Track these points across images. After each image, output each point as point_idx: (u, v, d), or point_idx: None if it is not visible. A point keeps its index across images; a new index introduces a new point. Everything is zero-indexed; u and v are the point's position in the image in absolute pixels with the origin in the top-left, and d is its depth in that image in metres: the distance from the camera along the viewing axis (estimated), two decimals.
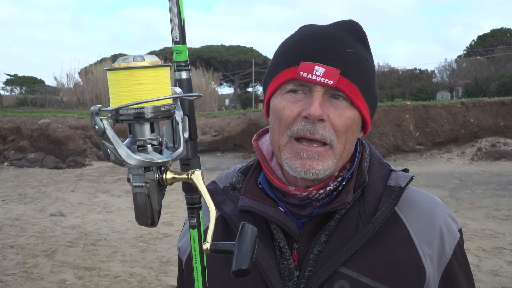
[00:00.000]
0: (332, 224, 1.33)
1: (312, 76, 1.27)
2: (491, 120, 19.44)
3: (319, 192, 1.34)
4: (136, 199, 1.08)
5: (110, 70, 1.04)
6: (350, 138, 1.33)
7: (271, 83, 1.37)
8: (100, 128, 1.02)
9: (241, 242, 1.02)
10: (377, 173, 1.40)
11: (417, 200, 1.40)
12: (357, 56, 1.32)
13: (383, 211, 1.32)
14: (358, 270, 1.28)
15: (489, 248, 8.11)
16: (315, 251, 1.32)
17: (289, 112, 1.30)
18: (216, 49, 61.11)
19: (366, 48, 1.37)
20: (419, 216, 1.36)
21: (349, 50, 1.31)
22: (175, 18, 1.13)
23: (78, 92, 42.33)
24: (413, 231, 1.33)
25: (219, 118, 22.97)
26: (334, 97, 1.30)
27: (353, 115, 1.31)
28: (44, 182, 15.75)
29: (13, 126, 21.26)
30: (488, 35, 55.80)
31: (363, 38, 1.37)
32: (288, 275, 1.33)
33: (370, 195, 1.36)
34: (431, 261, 1.31)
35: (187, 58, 1.16)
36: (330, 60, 1.28)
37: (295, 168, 1.29)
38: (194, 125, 1.20)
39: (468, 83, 44.53)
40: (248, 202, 1.37)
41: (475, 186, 13.69)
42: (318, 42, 1.31)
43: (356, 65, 1.31)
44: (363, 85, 1.32)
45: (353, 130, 1.33)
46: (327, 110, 1.28)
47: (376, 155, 1.45)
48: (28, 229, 9.74)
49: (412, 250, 1.31)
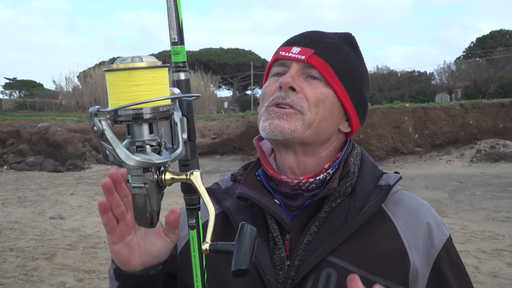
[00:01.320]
0: (322, 216, 1.39)
1: (289, 53, 1.42)
2: (490, 122, 19.46)
3: (309, 180, 1.40)
4: (135, 200, 1.08)
5: (108, 71, 1.04)
6: (323, 113, 1.40)
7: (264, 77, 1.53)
8: (99, 129, 1.02)
9: (240, 242, 1.02)
10: (368, 174, 1.46)
11: (405, 200, 1.45)
12: (336, 47, 1.44)
13: (371, 205, 1.38)
14: (345, 259, 1.33)
15: (488, 250, 8.11)
16: (305, 241, 1.37)
17: (270, 88, 1.44)
18: (215, 52, 61.11)
19: (354, 51, 1.48)
20: (406, 212, 1.41)
21: (329, 40, 1.44)
22: (173, 19, 1.13)
23: (77, 95, 42.33)
24: (399, 225, 1.38)
25: (218, 121, 22.97)
26: (311, 77, 1.41)
27: (326, 91, 1.40)
28: (43, 185, 15.73)
29: (12, 129, 21.25)
30: (487, 37, 55.83)
31: (352, 43, 1.49)
32: (280, 264, 1.38)
33: (360, 192, 1.41)
34: (416, 252, 1.35)
35: (185, 59, 1.16)
36: (307, 44, 1.43)
37: (264, 127, 1.39)
38: (192, 126, 1.20)
39: (467, 85, 44.54)
40: (245, 190, 1.44)
41: (474, 188, 13.70)
42: (302, 33, 1.49)
43: (332, 51, 1.42)
44: (339, 69, 1.41)
45: (326, 107, 1.40)
46: (302, 84, 1.40)
47: (370, 160, 1.51)
48: (27, 232, 9.73)
49: (397, 241, 1.36)
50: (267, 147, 1.53)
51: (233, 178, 1.53)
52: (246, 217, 1.44)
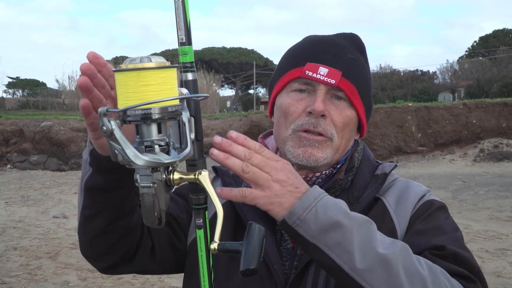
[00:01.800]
0: None
1: (317, 75, 1.42)
2: (493, 121, 19.43)
3: (316, 175, 1.46)
4: (143, 200, 1.08)
5: (117, 71, 1.04)
6: (347, 135, 1.47)
7: (277, 83, 1.51)
8: (108, 129, 1.03)
9: (248, 241, 1.03)
10: (366, 167, 1.53)
11: (396, 183, 1.51)
12: (356, 62, 1.47)
13: (368, 194, 1.44)
14: None
15: (492, 249, 8.10)
16: None
17: (295, 108, 1.44)
18: (217, 51, 61.14)
19: (364, 57, 1.52)
20: (395, 192, 1.47)
21: (350, 56, 1.46)
22: (181, 19, 1.13)
23: (80, 94, 42.23)
24: (389, 203, 1.45)
25: (221, 120, 22.98)
26: (336, 97, 1.44)
27: (351, 114, 1.45)
28: (46, 184, 15.75)
29: (15, 128, 21.30)
30: (490, 36, 55.76)
31: (362, 48, 1.52)
32: (287, 255, 1.43)
33: (358, 183, 1.48)
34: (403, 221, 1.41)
35: (193, 59, 1.16)
36: (333, 62, 1.43)
37: (297, 155, 1.42)
38: (200, 126, 1.20)
39: (470, 84, 44.48)
40: None
41: (477, 187, 13.68)
42: (322, 46, 1.47)
43: (355, 69, 1.46)
44: (361, 88, 1.46)
45: (350, 129, 1.47)
46: (329, 107, 1.42)
47: (368, 153, 1.58)
48: (31, 231, 9.74)
49: (387, 218, 1.42)
50: (272, 146, 1.57)
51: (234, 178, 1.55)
52: (252, 208, 1.41)
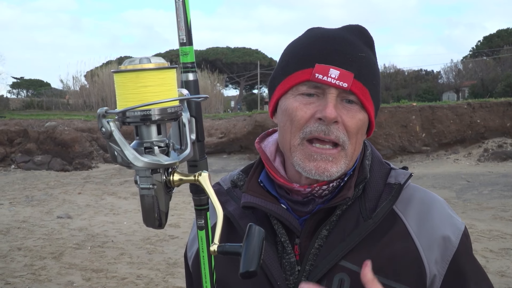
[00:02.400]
0: (333, 220, 1.35)
1: (328, 78, 1.29)
2: (497, 121, 19.38)
3: (322, 188, 1.35)
4: (143, 201, 1.08)
5: (116, 72, 1.04)
6: (360, 139, 1.35)
7: (281, 84, 1.38)
8: (107, 131, 1.02)
9: (248, 243, 1.02)
10: (377, 171, 1.42)
11: (416, 197, 1.41)
12: (367, 60, 1.34)
13: (383, 207, 1.34)
14: (357, 263, 1.28)
15: (496, 249, 8.08)
16: (316, 246, 1.34)
17: (302, 113, 1.31)
18: (222, 51, 61.13)
19: (373, 52, 1.40)
20: (416, 211, 1.37)
21: (361, 54, 1.33)
22: (181, 19, 1.12)
23: (84, 94, 42.47)
24: (410, 226, 1.35)
25: (225, 120, 22.98)
26: (347, 101, 1.32)
27: (363, 117, 1.34)
28: (51, 185, 15.78)
29: (20, 129, 21.33)
30: (494, 35, 55.63)
31: (371, 43, 1.39)
32: (290, 269, 1.35)
33: (370, 192, 1.37)
34: (430, 252, 1.32)
35: (193, 60, 1.16)
36: (344, 63, 1.30)
37: (309, 170, 1.31)
38: (201, 127, 1.19)
39: (474, 84, 44.39)
40: (250, 198, 1.39)
41: (482, 187, 13.64)
42: (332, 44, 1.33)
43: (367, 69, 1.33)
44: (372, 89, 1.35)
45: (362, 132, 1.36)
46: (340, 112, 1.30)
47: (377, 155, 1.48)
48: (35, 232, 9.76)
49: (409, 242, 1.32)
50: (270, 150, 1.48)
51: (233, 184, 1.48)
52: (250, 222, 1.36)
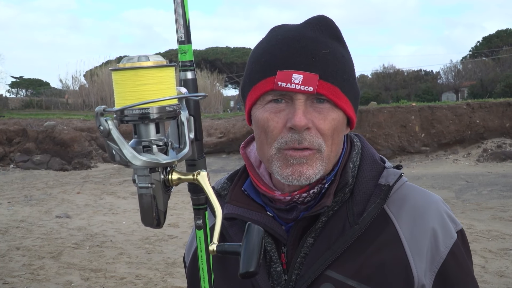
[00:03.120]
0: (319, 227, 1.32)
1: (291, 85, 1.24)
2: (497, 121, 19.39)
3: (303, 195, 1.32)
4: (141, 200, 1.07)
5: (114, 70, 1.03)
6: (336, 139, 1.30)
7: (249, 93, 1.34)
8: (105, 129, 1.01)
9: (247, 243, 1.01)
10: (368, 172, 1.36)
11: (411, 198, 1.35)
12: (333, 56, 1.28)
13: (370, 212, 1.29)
14: (344, 273, 1.26)
15: (495, 249, 8.08)
16: (302, 254, 1.31)
17: (274, 124, 1.28)
18: (221, 51, 61.12)
19: (341, 43, 1.33)
20: (410, 214, 1.32)
21: (325, 51, 1.27)
22: (180, 17, 1.12)
23: (83, 94, 42.42)
24: (402, 231, 1.29)
25: (225, 120, 22.97)
26: (317, 101, 1.27)
27: (337, 116, 1.29)
28: (50, 184, 15.77)
29: (19, 128, 21.31)
30: (493, 36, 55.62)
31: (337, 34, 1.33)
32: (277, 278, 1.33)
33: (359, 195, 1.32)
34: (420, 261, 1.27)
35: (192, 58, 1.15)
36: (307, 65, 1.25)
37: (286, 176, 1.28)
38: (199, 126, 1.19)
39: (473, 84, 44.40)
40: (232, 209, 1.37)
41: (481, 187, 13.65)
42: (292, 46, 1.28)
43: (334, 66, 1.27)
44: (343, 85, 1.29)
45: (338, 131, 1.30)
46: (311, 116, 1.26)
47: (369, 152, 1.42)
48: (34, 231, 9.75)
49: (399, 250, 1.27)
50: (255, 156, 1.44)
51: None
52: (239, 231, 1.37)
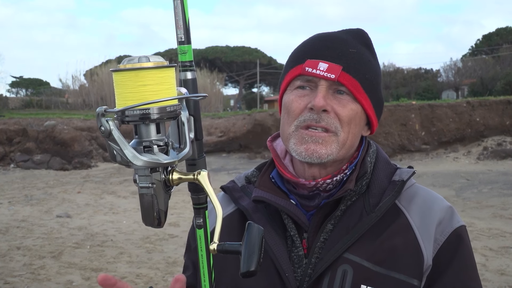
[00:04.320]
0: (338, 214, 1.42)
1: (317, 71, 1.39)
2: (497, 119, 19.39)
3: (326, 181, 1.43)
4: (142, 200, 1.08)
5: (115, 71, 1.04)
6: (354, 129, 1.42)
7: (282, 82, 1.50)
8: (106, 129, 1.02)
9: (247, 242, 1.02)
10: (382, 170, 1.48)
11: (419, 194, 1.47)
12: (359, 56, 1.43)
13: (385, 202, 1.40)
14: (360, 255, 1.36)
15: (496, 247, 8.09)
16: (322, 239, 1.40)
17: (297, 105, 1.42)
18: (221, 50, 61.12)
19: (371, 52, 1.49)
20: (419, 207, 1.43)
21: (352, 50, 1.43)
22: (179, 18, 1.12)
23: (83, 93, 42.48)
24: (413, 220, 1.40)
25: (225, 119, 22.99)
26: (338, 92, 1.40)
27: (356, 107, 1.41)
28: (50, 184, 15.78)
29: (19, 128, 21.32)
30: (493, 34, 55.59)
31: (368, 43, 1.49)
32: (298, 262, 1.41)
33: (374, 189, 1.44)
34: (429, 244, 1.37)
35: (192, 58, 1.16)
36: (333, 58, 1.40)
37: (299, 152, 1.40)
38: (199, 126, 1.19)
39: (473, 82, 44.38)
40: (261, 193, 1.47)
41: (481, 185, 13.66)
42: (323, 42, 1.45)
43: (358, 63, 1.42)
44: (365, 82, 1.42)
45: (356, 123, 1.43)
46: (331, 102, 1.39)
47: (384, 156, 1.54)
48: (34, 231, 9.76)
49: (411, 236, 1.38)
50: (281, 149, 1.56)
51: (247, 180, 1.57)
52: (263, 216, 1.47)
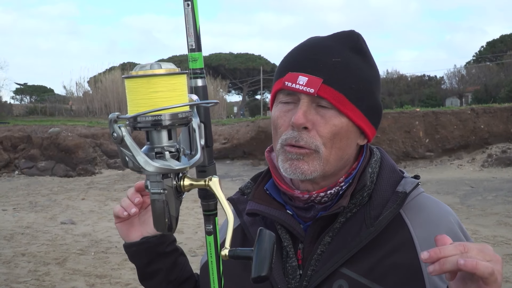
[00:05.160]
0: (337, 227, 1.37)
1: (296, 85, 1.33)
2: (501, 126, 19.35)
3: (320, 195, 1.38)
4: (154, 206, 1.08)
5: (128, 78, 1.05)
6: (339, 144, 1.35)
7: (271, 94, 1.48)
8: (119, 136, 1.03)
9: (259, 248, 1.03)
10: (386, 179, 1.41)
11: (427, 206, 1.40)
12: (344, 65, 1.35)
13: (386, 215, 1.33)
14: (357, 271, 1.31)
15: (500, 255, 8.00)
16: (318, 251, 1.36)
17: (282, 121, 1.38)
18: (224, 57, 61.21)
19: (362, 56, 1.39)
20: (425, 221, 1.36)
21: (335, 60, 1.34)
22: (190, 25, 1.13)
23: (87, 100, 42.56)
24: (417, 236, 1.34)
25: (228, 126, 22.99)
26: (321, 106, 1.34)
27: (340, 123, 1.34)
28: (54, 190, 15.80)
29: (23, 134, 21.36)
30: (497, 41, 55.54)
31: (358, 47, 1.39)
32: (292, 273, 1.38)
33: (376, 200, 1.38)
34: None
35: (202, 66, 1.17)
36: (313, 70, 1.33)
37: (285, 169, 1.36)
38: (209, 132, 1.20)
39: (477, 90, 44.34)
40: (254, 206, 1.44)
41: (486, 192, 13.62)
42: (305, 52, 1.38)
43: (342, 74, 1.34)
44: (350, 93, 1.34)
45: (342, 137, 1.35)
46: (313, 118, 1.33)
47: (389, 163, 1.47)
48: (39, 237, 9.77)
49: (412, 254, 1.31)
50: None
51: (241, 192, 1.54)
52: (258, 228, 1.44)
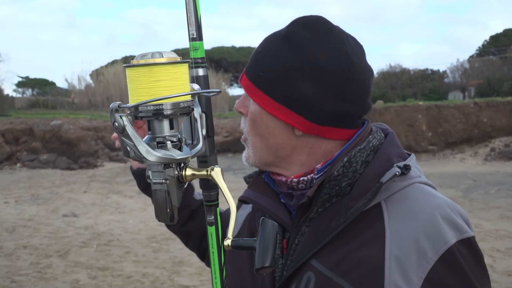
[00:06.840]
0: (313, 216, 1.31)
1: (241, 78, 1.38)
2: (504, 120, 19.33)
3: (294, 181, 1.34)
4: (156, 196, 1.08)
5: (129, 67, 1.04)
6: (259, 131, 1.34)
7: None
8: (120, 125, 1.02)
9: (262, 238, 1.02)
10: (376, 169, 1.30)
11: (412, 198, 1.27)
12: (262, 55, 1.33)
13: (358, 207, 1.24)
14: (325, 264, 1.25)
15: (503, 248, 8.06)
16: (296, 241, 1.33)
17: None
18: (227, 50, 61.13)
19: (289, 43, 1.31)
20: (404, 214, 1.25)
21: (258, 49, 1.36)
22: (191, 15, 1.13)
23: (89, 93, 42.53)
24: (390, 229, 1.23)
25: (231, 119, 22.98)
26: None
27: (254, 110, 1.35)
28: (56, 183, 15.80)
29: (25, 127, 21.37)
30: (500, 35, 55.35)
31: (290, 34, 1.32)
32: (276, 262, 1.37)
33: (356, 191, 1.28)
34: (397, 264, 1.20)
35: (203, 55, 1.16)
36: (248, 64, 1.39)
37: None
38: (211, 122, 1.20)
39: (480, 83, 44.25)
40: (247, 193, 1.45)
41: (488, 186, 13.60)
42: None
43: (255, 63, 1.33)
44: (259, 81, 1.31)
45: (259, 124, 1.34)
46: (247, 105, 1.38)
47: (387, 151, 1.34)
48: (41, 230, 9.78)
49: (379, 249, 1.22)
50: None
51: (245, 181, 1.54)
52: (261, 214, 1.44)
